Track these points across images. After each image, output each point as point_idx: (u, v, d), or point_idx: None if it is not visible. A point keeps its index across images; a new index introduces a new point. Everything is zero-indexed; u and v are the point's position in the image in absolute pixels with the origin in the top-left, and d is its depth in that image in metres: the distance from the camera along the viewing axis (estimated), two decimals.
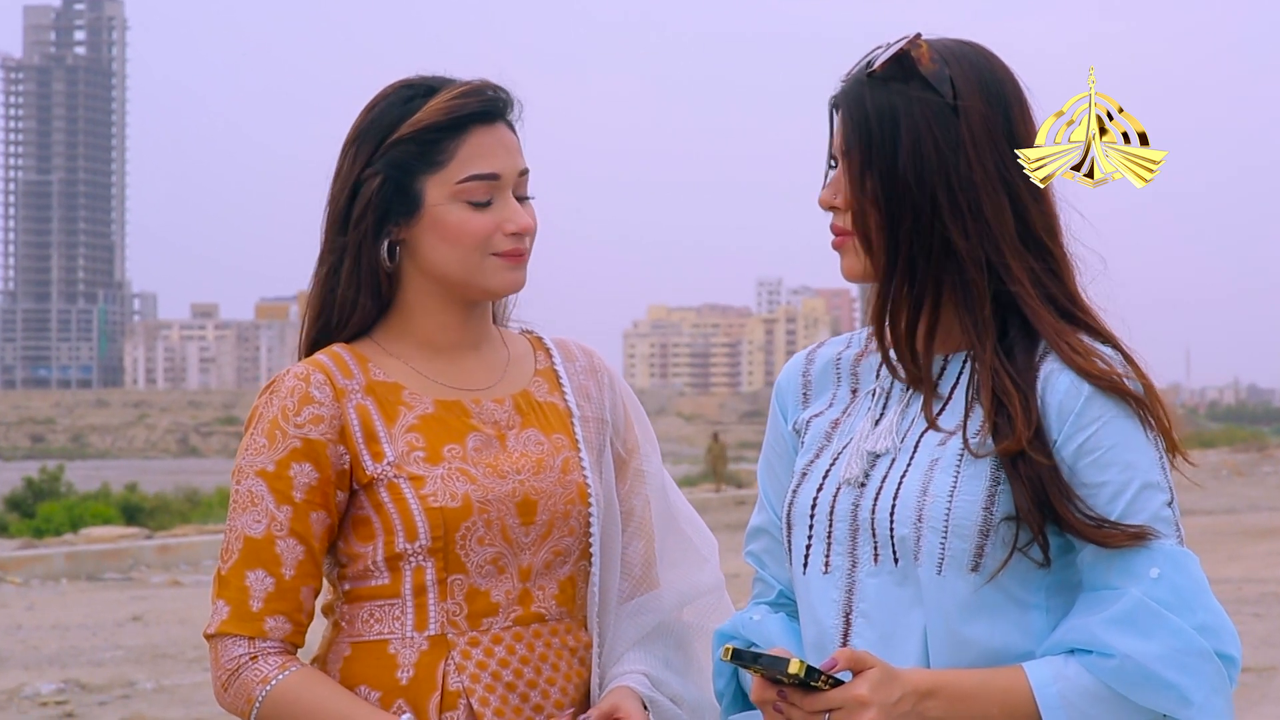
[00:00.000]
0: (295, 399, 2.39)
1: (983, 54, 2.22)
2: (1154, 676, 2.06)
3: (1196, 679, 2.06)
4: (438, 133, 2.39)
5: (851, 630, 2.19)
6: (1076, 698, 2.07)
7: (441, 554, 2.37)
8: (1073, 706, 2.07)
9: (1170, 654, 2.06)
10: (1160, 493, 2.12)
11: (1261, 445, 66.62)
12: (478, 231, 2.40)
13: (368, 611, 2.41)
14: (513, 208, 2.42)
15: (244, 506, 2.38)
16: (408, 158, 2.40)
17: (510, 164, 2.42)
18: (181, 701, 10.52)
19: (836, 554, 2.21)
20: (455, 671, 2.37)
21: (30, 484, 32.11)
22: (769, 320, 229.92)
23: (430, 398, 2.45)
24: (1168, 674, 2.06)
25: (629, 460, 2.57)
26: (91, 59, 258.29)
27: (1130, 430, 2.13)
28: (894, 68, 2.18)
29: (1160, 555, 2.09)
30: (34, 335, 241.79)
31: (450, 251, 2.41)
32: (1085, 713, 2.07)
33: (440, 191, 2.40)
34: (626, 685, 2.42)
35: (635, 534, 2.54)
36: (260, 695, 2.34)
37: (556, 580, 2.44)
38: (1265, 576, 17.50)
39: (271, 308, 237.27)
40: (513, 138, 2.45)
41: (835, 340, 2.41)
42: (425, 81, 2.45)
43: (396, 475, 2.38)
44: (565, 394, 2.53)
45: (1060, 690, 2.07)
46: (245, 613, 2.36)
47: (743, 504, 26.14)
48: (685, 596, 2.56)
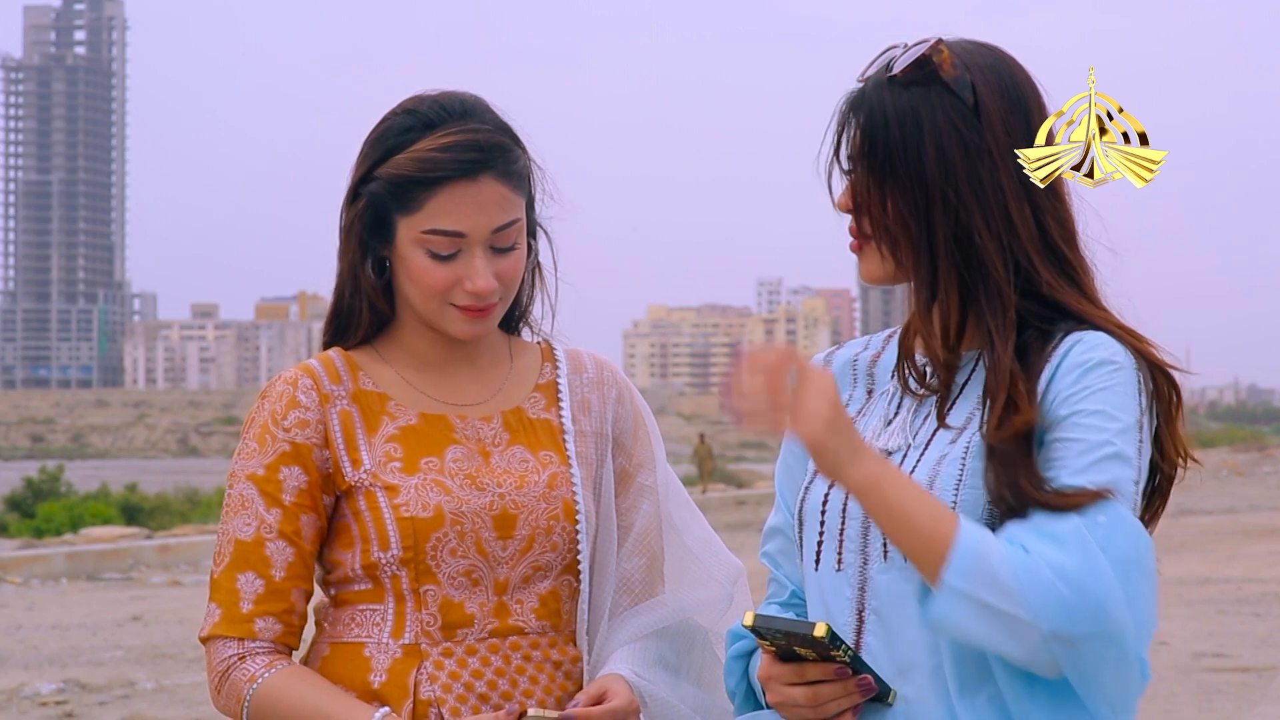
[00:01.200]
0: (283, 404, 2.42)
1: (1003, 58, 2.22)
2: (1070, 579, 1.98)
3: (1117, 596, 1.99)
4: (412, 184, 2.37)
5: (864, 627, 2.19)
6: (986, 567, 2.00)
7: (413, 564, 2.38)
8: (980, 573, 2.00)
9: (1089, 568, 1.99)
10: (1128, 467, 2.09)
11: (1261, 445, 66.65)
12: (435, 283, 2.38)
13: (349, 615, 2.42)
14: (475, 267, 2.38)
15: (235, 510, 2.40)
16: (384, 195, 2.39)
17: (481, 222, 2.37)
18: (181, 701, 10.52)
19: (849, 551, 2.22)
20: (427, 681, 2.38)
21: (30, 484, 32.13)
22: (769, 320, 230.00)
23: (416, 410, 2.45)
24: (1086, 581, 1.98)
25: (634, 475, 2.55)
26: (91, 59, 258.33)
27: (1126, 396, 2.11)
28: (915, 72, 2.17)
29: (1111, 510, 2.04)
30: (34, 335, 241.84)
31: (413, 291, 2.41)
32: (989, 582, 2.00)
33: (407, 234, 2.39)
34: (617, 672, 2.41)
35: (634, 549, 2.52)
36: (248, 694, 2.35)
37: (537, 594, 2.43)
38: (1265, 576, 17.50)
39: (271, 308, 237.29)
40: (497, 191, 2.38)
41: (853, 343, 2.42)
42: (429, 112, 2.40)
43: (372, 484, 2.40)
44: (562, 409, 2.52)
45: (979, 548, 2.01)
46: (235, 615, 2.37)
47: (743, 504, 26.14)
48: (687, 608, 2.53)
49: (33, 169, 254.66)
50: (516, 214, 2.41)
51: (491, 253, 2.39)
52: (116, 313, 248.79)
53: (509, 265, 2.41)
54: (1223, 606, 14.80)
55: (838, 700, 2.13)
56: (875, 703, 2.15)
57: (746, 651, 2.34)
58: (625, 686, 2.38)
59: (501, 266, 2.40)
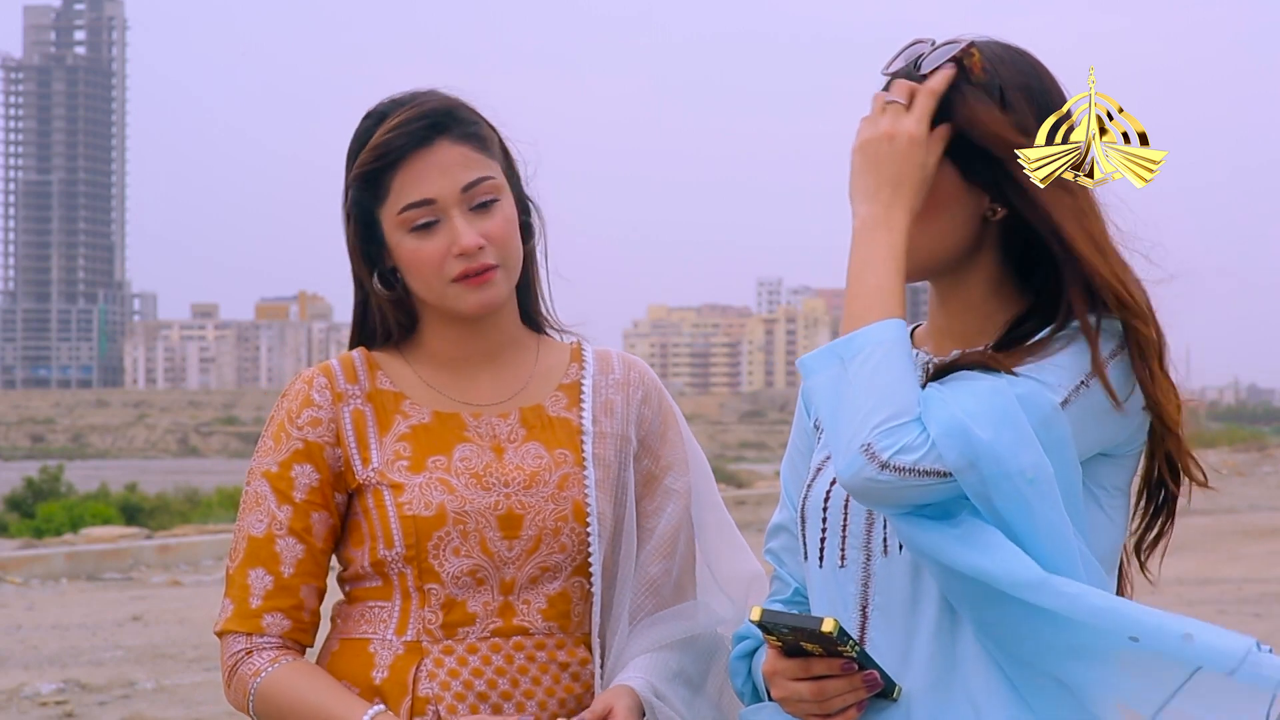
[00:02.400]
0: (298, 402, 2.45)
1: (1030, 62, 2.23)
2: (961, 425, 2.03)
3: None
4: (375, 170, 2.42)
5: (869, 623, 2.20)
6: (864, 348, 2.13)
7: (415, 562, 2.39)
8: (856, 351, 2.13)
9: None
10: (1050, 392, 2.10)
11: (1261, 445, 66.60)
12: (429, 259, 2.41)
13: (360, 612, 2.45)
14: (457, 228, 2.40)
15: (250, 507, 2.44)
16: (362, 196, 2.45)
17: (447, 183, 2.40)
18: (181, 701, 10.51)
19: (851, 547, 2.22)
20: (426, 678, 2.39)
21: (30, 484, 32.09)
22: (769, 320, 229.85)
23: (430, 409, 2.47)
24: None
25: (661, 477, 2.54)
26: (91, 59, 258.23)
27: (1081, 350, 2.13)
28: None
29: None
30: (34, 335, 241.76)
31: (416, 280, 2.44)
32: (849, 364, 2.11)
33: (390, 225, 2.43)
34: (626, 685, 2.39)
35: (656, 553, 2.50)
36: (252, 688, 2.39)
37: (545, 595, 2.43)
38: (1265, 576, 17.50)
39: (271, 308, 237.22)
40: (456, 152, 2.41)
41: None
42: (381, 108, 2.46)
43: (379, 482, 2.42)
44: (583, 410, 2.52)
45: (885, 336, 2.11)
46: (246, 610, 2.41)
47: (742, 504, 26.12)
48: (713, 620, 2.51)
49: (33, 169, 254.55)
50: (484, 172, 2.42)
51: (470, 214, 2.41)
52: (116, 313, 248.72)
53: (494, 225, 2.42)
54: (1223, 606, 14.78)
55: (843, 695, 2.13)
56: (880, 698, 2.16)
57: (751, 651, 2.34)
58: (628, 704, 2.36)
59: (485, 227, 2.41)
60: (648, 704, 2.37)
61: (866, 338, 2.09)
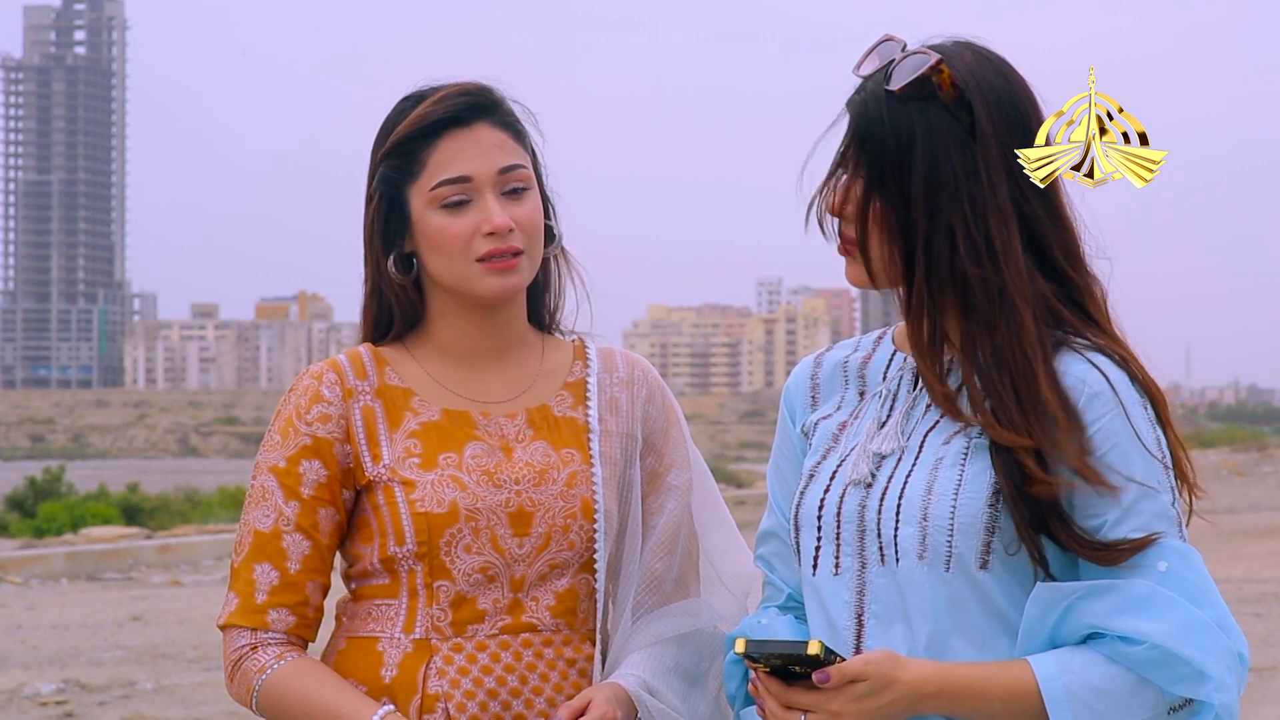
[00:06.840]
0: (307, 398, 2.45)
1: (1003, 73, 2.21)
2: (1171, 655, 2.04)
3: (1212, 655, 2.05)
4: (412, 143, 2.42)
5: (864, 631, 2.20)
6: (1083, 692, 2.06)
7: (427, 559, 2.39)
8: (1079, 700, 2.06)
9: (1183, 631, 2.05)
10: (1162, 494, 2.12)
11: (1261, 445, 66.49)
12: (456, 237, 2.41)
13: (366, 610, 2.44)
14: (488, 208, 2.41)
15: (256, 502, 2.43)
16: (393, 172, 2.44)
17: (485, 164, 2.42)
18: (181, 701, 10.51)
19: (846, 555, 2.22)
20: (436, 676, 2.39)
21: (31, 484, 32.09)
22: (769, 320, 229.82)
23: (439, 406, 2.46)
24: (1184, 650, 2.04)
25: (664, 475, 2.55)
26: (91, 59, 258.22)
27: (1128, 428, 2.13)
28: (914, 88, 2.17)
29: (1168, 550, 2.09)
30: (34, 335, 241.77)
31: (439, 260, 2.43)
32: (1091, 707, 2.05)
33: (420, 200, 2.42)
34: (614, 682, 2.40)
35: (658, 549, 2.51)
36: (257, 684, 2.38)
37: (553, 592, 2.44)
38: (1265, 576, 17.49)
39: (271, 308, 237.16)
40: (495, 135, 2.43)
41: (843, 344, 2.42)
42: (418, 91, 2.46)
43: (390, 479, 2.41)
44: (589, 408, 2.52)
45: (1066, 684, 2.06)
46: (250, 605, 2.41)
47: (742, 504, 26.12)
48: (715, 616, 2.52)
49: (33, 169, 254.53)
50: (519, 159, 2.44)
51: (503, 197, 2.42)
52: (116, 313, 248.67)
53: (525, 212, 2.43)
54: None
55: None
56: None
57: None
58: (606, 695, 2.36)
59: (516, 212, 2.42)
60: (637, 699, 2.38)
61: (1056, 690, 2.08)
